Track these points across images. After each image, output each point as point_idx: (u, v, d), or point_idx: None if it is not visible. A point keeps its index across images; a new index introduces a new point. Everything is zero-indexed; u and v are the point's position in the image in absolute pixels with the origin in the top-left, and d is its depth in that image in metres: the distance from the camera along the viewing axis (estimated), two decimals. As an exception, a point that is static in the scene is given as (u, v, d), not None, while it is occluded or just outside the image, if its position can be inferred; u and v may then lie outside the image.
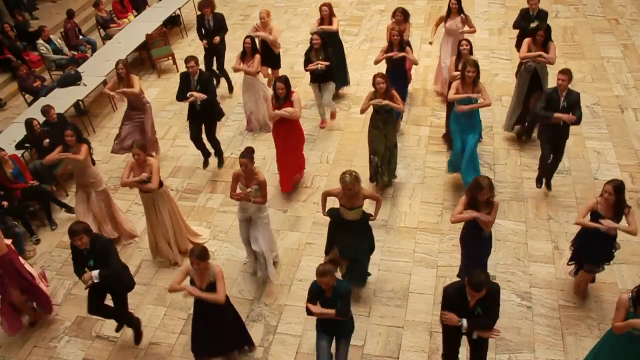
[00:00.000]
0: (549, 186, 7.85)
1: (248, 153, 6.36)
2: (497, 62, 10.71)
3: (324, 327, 5.49)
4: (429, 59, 11.02)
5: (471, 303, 4.86)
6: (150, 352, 6.43)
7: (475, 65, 7.30)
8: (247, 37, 9.07)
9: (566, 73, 7.03)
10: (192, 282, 5.42)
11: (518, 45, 9.22)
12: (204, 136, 8.66)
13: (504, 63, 10.30)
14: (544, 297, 6.53)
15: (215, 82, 9.95)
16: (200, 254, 5.23)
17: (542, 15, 8.78)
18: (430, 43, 9.76)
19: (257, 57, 9.09)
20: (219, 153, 8.86)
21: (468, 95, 7.33)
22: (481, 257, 6.23)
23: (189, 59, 8.08)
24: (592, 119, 9.10)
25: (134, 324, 6.38)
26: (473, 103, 7.40)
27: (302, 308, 6.62)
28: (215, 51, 10.21)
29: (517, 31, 9.23)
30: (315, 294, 5.21)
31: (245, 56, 9.07)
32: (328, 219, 6.49)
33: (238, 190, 6.54)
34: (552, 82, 8.21)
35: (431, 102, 9.84)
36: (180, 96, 8.29)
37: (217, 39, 9.97)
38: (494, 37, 11.57)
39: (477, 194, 5.57)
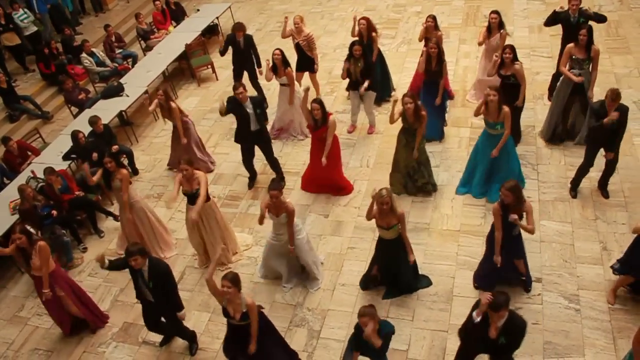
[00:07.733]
0: (605, 193, 7.55)
1: (277, 184, 6.41)
2: (538, 60, 10.50)
3: None
4: (467, 60, 10.89)
5: (492, 328, 4.75)
6: (195, 357, 6.53)
7: (497, 89, 7.05)
8: (276, 49, 9.03)
9: (617, 100, 6.69)
10: (225, 311, 5.45)
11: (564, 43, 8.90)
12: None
13: (545, 61, 10.09)
14: (592, 300, 6.34)
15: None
16: (232, 279, 5.25)
17: (584, 14, 8.46)
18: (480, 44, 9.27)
19: (289, 70, 9.05)
20: (279, 172, 8.74)
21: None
22: (505, 260, 6.16)
23: (237, 86, 8.00)
24: (639, 115, 8.83)
25: (189, 336, 6.57)
26: (497, 128, 7.23)
27: (345, 313, 6.64)
28: (246, 66, 10.09)
29: (554, 27, 8.98)
30: (359, 333, 5.10)
31: (277, 69, 9.03)
32: (369, 222, 6.45)
33: (268, 220, 6.52)
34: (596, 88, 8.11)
35: (471, 104, 9.70)
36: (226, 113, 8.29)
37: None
38: (534, 34, 11.35)
39: (501, 194, 5.69)
